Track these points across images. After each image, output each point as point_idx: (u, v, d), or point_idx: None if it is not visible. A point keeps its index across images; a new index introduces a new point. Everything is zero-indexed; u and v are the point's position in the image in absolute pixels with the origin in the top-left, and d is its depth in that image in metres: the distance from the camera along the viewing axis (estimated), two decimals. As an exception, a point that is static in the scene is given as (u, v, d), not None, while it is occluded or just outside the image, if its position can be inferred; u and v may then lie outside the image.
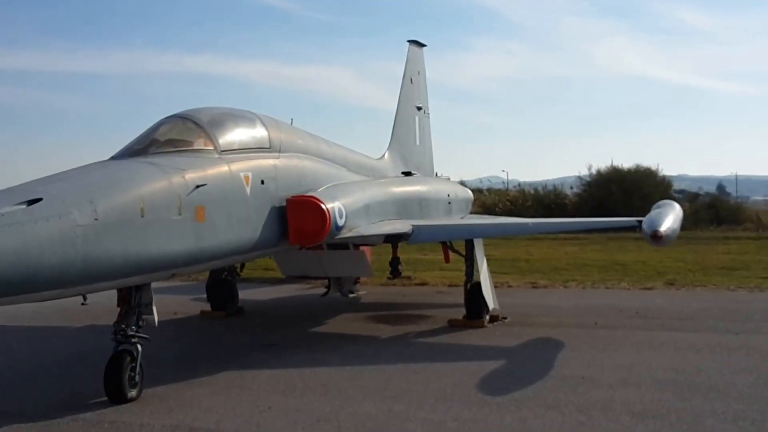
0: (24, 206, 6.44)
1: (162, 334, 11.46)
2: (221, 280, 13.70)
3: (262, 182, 9.42)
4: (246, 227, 8.99)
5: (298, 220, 9.73)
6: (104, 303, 8.24)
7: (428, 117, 18.49)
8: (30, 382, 8.84)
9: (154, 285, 8.12)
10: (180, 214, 7.89)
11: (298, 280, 17.31)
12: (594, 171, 44.02)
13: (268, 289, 17.68)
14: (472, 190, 20.91)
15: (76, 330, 12.13)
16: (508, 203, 44.63)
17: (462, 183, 24.37)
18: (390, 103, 17.76)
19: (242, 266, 14.97)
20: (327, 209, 9.90)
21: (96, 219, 6.86)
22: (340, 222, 10.29)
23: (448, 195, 15.36)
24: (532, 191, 48.48)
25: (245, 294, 15.49)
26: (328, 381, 8.86)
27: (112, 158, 8.55)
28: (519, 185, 56.50)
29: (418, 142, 17.55)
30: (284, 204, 9.73)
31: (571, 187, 47.51)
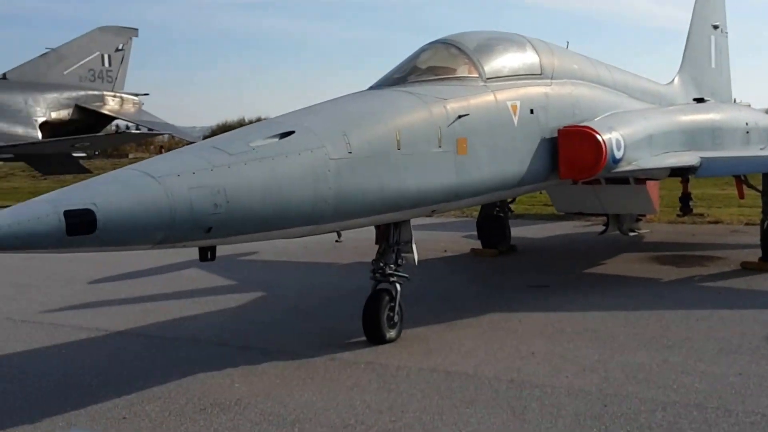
0: (276, 139, 6.26)
1: (430, 272, 11.44)
2: (493, 216, 13.20)
3: (531, 111, 8.68)
4: (512, 160, 8.33)
5: (570, 153, 8.89)
6: (371, 240, 8.05)
7: (726, 36, 16.53)
8: (293, 319, 8.95)
9: (424, 221, 7.76)
10: (440, 147, 7.42)
11: (576, 217, 16.49)
12: None
13: (544, 226, 16.92)
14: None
15: (343, 267, 12.27)
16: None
17: (767, 111, 21.82)
18: (681, 22, 16.16)
19: (512, 201, 14.39)
20: (603, 140, 8.95)
21: (349, 152, 6.56)
22: (618, 154, 9.30)
23: (746, 124, 13.55)
24: None
25: (519, 231, 14.94)
26: (600, 326, 8.13)
27: (371, 88, 8.25)
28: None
29: (713, 65, 15.78)
30: (555, 135, 8.92)
31: None
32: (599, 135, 8.96)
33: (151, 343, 8.00)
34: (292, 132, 6.38)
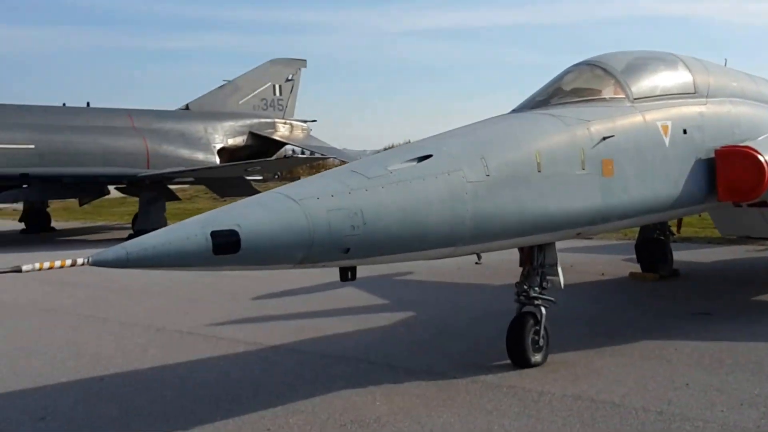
0: (414, 163, 6.41)
1: (584, 295, 11.21)
2: (652, 239, 12.72)
3: (684, 132, 8.38)
4: (663, 182, 8.06)
5: (729, 174, 8.49)
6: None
7: None
8: (439, 340, 9.04)
9: (581, 243, 7.67)
10: (583, 169, 7.31)
11: (748, 241, 15.56)
12: None
13: (713, 250, 16.10)
14: None
15: (495, 288, 12.21)
16: None
17: None
18: None
19: (679, 224, 13.82)
20: (766, 161, 8.48)
21: (487, 175, 6.61)
22: (784, 175, 8.76)
23: None
24: None
25: (685, 255, 14.31)
26: (764, 359, 7.65)
27: (512, 111, 8.27)
28: None
29: None
30: (712, 155, 8.55)
31: None
32: (761, 155, 8.49)
33: (302, 359, 8.32)
34: (430, 156, 6.50)
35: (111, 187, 25.04)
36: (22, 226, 26.22)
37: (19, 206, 27.18)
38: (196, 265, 5.35)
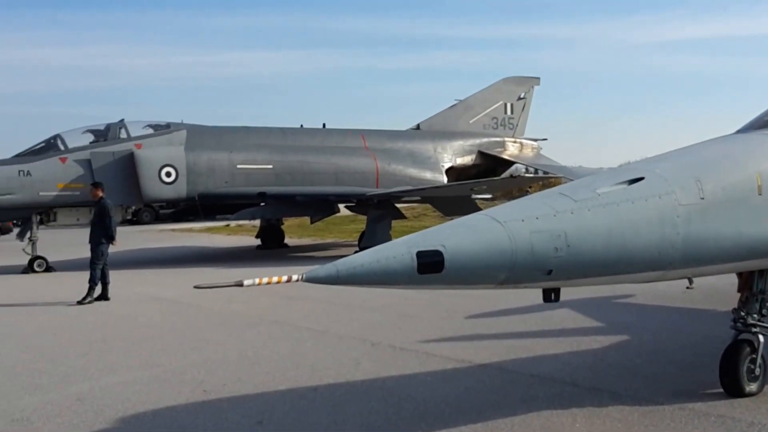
0: (624, 186, 6.26)
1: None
2: None
3: None
4: None
5: None
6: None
7: None
8: (650, 364, 8.74)
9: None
10: None
11: None
12: None
13: None
14: None
15: (718, 314, 11.49)
16: None
17: None
18: None
19: None
20: None
21: (702, 198, 6.31)
22: None
23: None
24: None
25: None
26: None
27: (737, 132, 7.81)
28: None
29: None
30: None
31: None
32: None
33: (509, 378, 8.35)
34: (641, 178, 6.34)
35: (341, 205, 26.27)
36: (258, 242, 28.04)
37: (257, 223, 28.96)
38: (401, 284, 5.55)
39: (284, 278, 11.17)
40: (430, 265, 5.41)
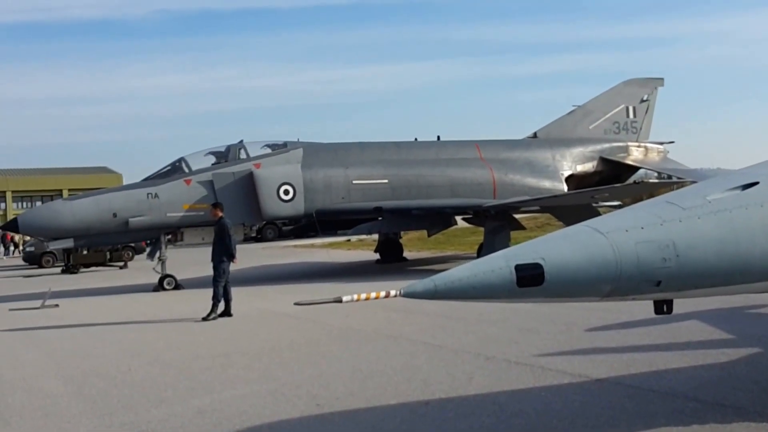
0: (737, 191, 5.96)
1: None
2: None
3: None
4: None
5: None
6: None
7: None
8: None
9: None
10: None
11: None
12: None
13: None
14: None
15: None
16: None
17: None
18: None
19: None
20: None
21: None
22: None
23: None
24: None
25: None
26: None
27: None
28: None
29: None
30: None
31: None
32: None
33: (627, 393, 8.05)
34: (756, 183, 6.01)
35: (458, 218, 26.16)
36: (377, 256, 28.31)
37: (376, 237, 29.18)
38: (501, 298, 5.47)
39: (383, 294, 11.32)
40: (530, 278, 5.32)
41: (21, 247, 45.98)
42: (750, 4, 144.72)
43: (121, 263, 33.93)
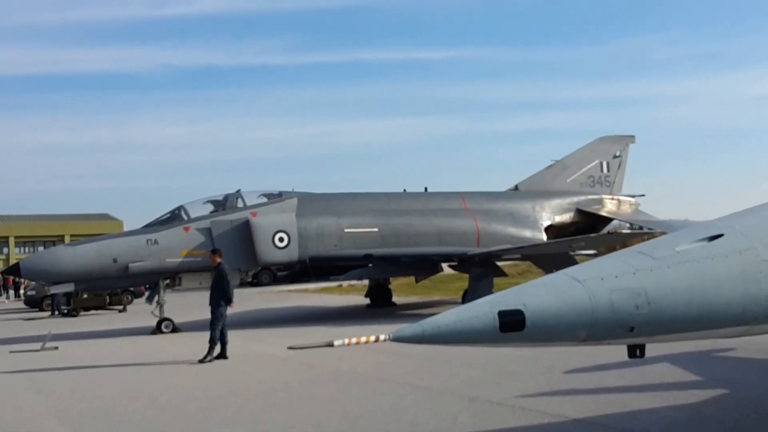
0: (703, 243, 6.44)
1: None
2: None
3: None
4: None
5: None
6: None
7: None
8: (748, 420, 8.94)
9: None
10: None
11: None
12: None
13: None
14: None
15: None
16: None
17: None
18: None
19: None
20: None
21: None
22: None
23: None
24: None
25: None
26: None
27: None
28: None
29: None
30: None
31: None
32: None
33: (601, 432, 8.65)
34: (721, 235, 6.49)
35: (444, 265, 26.85)
36: (367, 301, 28.89)
37: (366, 282, 29.88)
38: (484, 342, 5.89)
39: (372, 338, 11.74)
40: (512, 324, 5.71)
41: (23, 290, 46.02)
42: (711, 70, 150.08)
43: (121, 307, 34.22)
